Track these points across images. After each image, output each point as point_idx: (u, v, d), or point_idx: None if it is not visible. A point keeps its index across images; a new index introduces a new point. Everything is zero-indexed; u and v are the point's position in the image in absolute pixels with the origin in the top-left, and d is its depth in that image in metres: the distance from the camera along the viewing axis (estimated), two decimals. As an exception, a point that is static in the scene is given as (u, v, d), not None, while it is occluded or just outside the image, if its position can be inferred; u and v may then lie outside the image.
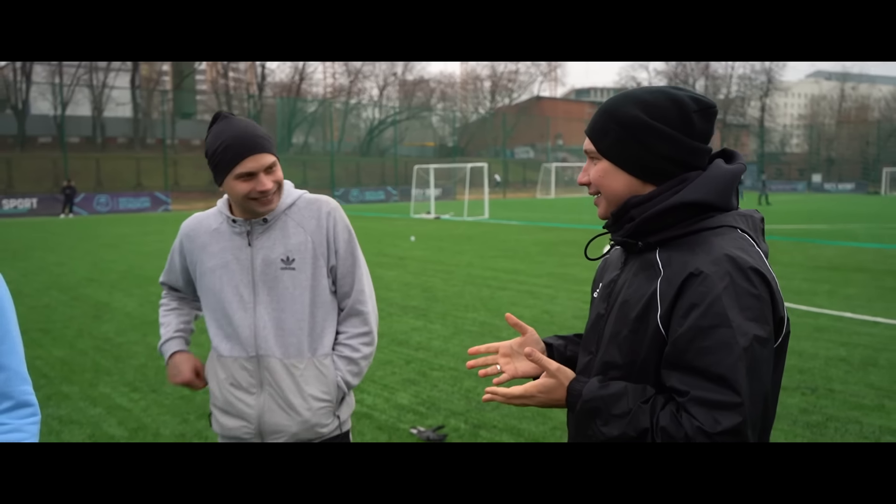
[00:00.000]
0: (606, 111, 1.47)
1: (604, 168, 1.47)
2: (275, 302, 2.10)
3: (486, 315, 8.33)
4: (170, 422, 4.88)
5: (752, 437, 1.28)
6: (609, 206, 1.50)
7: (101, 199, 34.27)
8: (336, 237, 2.15)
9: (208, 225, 2.19)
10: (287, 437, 2.13)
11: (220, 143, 2.02)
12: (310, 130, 60.51)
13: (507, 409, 5.06)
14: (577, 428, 1.45)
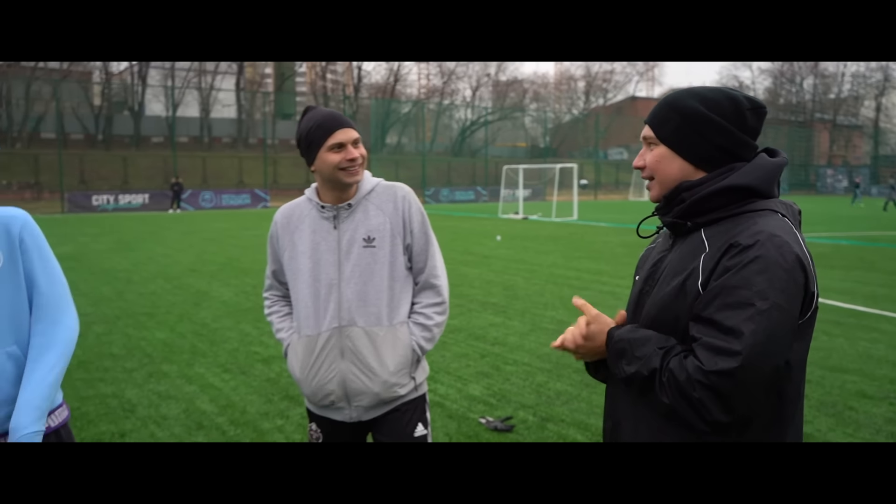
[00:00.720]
0: (668, 103, 1.60)
1: (661, 153, 1.60)
2: (357, 277, 2.32)
3: (564, 314, 8.35)
4: (256, 401, 5.22)
5: (753, 391, 1.38)
6: (661, 190, 1.62)
7: (206, 196, 36.14)
8: (411, 218, 2.38)
9: (300, 212, 2.43)
10: (370, 398, 2.34)
11: (313, 122, 2.30)
12: (403, 131, 61.59)
13: (576, 405, 5.11)
14: (610, 369, 1.63)
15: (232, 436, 4.54)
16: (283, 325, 2.52)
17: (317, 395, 2.38)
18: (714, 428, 1.41)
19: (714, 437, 1.44)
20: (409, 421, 2.43)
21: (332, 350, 2.34)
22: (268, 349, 6.71)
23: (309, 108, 2.37)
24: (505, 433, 4.57)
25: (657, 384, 1.46)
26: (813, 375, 5.71)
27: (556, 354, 6.52)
